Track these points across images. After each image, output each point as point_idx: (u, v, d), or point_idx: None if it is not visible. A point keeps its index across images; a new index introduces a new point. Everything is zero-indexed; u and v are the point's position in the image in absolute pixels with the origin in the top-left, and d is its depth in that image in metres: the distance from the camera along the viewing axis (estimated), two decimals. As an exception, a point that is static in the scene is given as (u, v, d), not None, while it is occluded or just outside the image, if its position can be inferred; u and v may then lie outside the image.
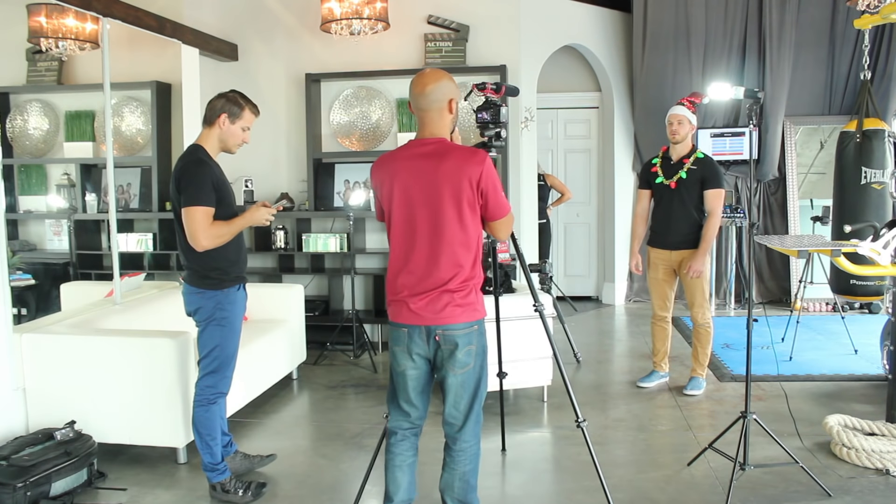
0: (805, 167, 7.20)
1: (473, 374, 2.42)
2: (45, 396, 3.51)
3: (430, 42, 5.81)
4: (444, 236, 2.32)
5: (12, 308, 3.54)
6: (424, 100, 2.35)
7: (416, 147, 2.38)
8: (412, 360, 2.41)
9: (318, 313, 5.80)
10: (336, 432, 3.98)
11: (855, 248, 3.73)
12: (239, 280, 3.16)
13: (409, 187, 2.34)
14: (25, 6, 4.86)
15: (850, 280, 6.05)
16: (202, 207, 2.92)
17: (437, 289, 2.33)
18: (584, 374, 5.01)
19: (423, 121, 2.39)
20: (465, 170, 2.30)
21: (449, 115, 2.39)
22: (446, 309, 2.34)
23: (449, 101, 2.37)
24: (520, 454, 3.65)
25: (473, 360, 2.41)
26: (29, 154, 5.57)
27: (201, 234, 2.92)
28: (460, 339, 2.36)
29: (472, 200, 2.33)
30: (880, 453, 3.30)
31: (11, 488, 2.87)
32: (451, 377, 2.39)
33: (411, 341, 2.39)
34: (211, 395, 3.12)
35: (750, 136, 3.19)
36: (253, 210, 3.12)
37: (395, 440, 2.53)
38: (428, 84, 2.35)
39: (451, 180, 2.29)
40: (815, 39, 6.81)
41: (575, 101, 7.53)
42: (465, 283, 2.36)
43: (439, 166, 2.31)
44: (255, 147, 6.11)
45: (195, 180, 2.94)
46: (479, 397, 2.46)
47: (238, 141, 3.11)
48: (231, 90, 3.15)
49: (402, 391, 2.48)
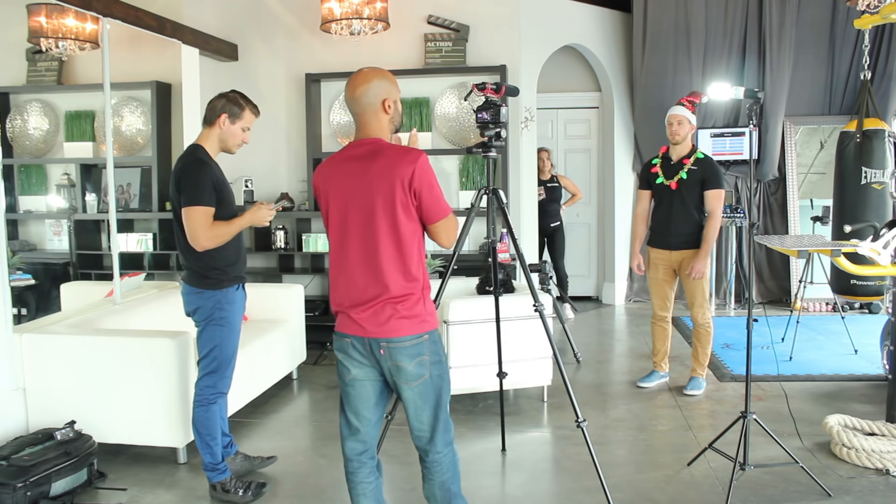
0: (805, 167, 7.20)
1: (431, 384, 2.27)
2: (45, 396, 3.51)
3: (430, 42, 5.82)
4: (380, 243, 2.18)
5: (12, 308, 3.54)
6: (355, 103, 2.25)
7: (350, 149, 2.27)
8: (358, 369, 2.27)
9: (318, 313, 5.80)
10: (336, 432, 3.95)
11: (855, 248, 3.74)
12: (238, 280, 3.15)
13: (342, 192, 2.23)
14: (25, 6, 4.86)
15: (850, 280, 6.05)
16: (202, 207, 2.92)
17: (377, 300, 2.19)
18: (584, 374, 5.01)
19: (359, 123, 2.28)
20: (395, 170, 2.15)
21: (385, 115, 2.27)
22: (390, 322, 2.19)
23: (382, 102, 2.25)
24: (520, 454, 3.65)
25: (428, 370, 2.25)
26: (29, 154, 5.57)
27: (201, 235, 2.91)
28: (407, 352, 2.21)
29: (406, 202, 2.17)
30: (880, 453, 3.30)
31: (11, 488, 2.87)
32: (406, 390, 2.25)
33: (355, 350, 2.25)
34: (210, 395, 3.11)
35: (750, 136, 3.19)
36: (253, 210, 3.12)
37: (352, 468, 2.36)
38: (358, 86, 2.24)
39: (381, 182, 2.16)
40: (815, 39, 6.81)
41: (575, 101, 7.53)
42: (408, 293, 2.21)
43: (370, 168, 2.18)
44: (255, 147, 6.11)
45: (195, 180, 2.93)
46: (443, 405, 2.33)
47: (238, 141, 3.11)
48: (231, 90, 3.15)
49: (348, 403, 2.32)
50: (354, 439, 2.35)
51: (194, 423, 3.14)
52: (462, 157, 5.94)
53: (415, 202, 2.19)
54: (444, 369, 2.34)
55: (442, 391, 2.32)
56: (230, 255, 3.09)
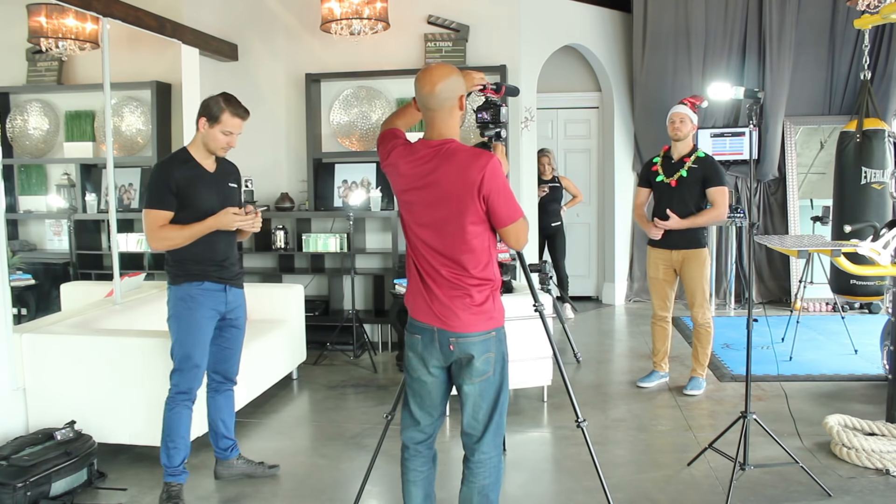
0: (805, 167, 7.20)
1: (493, 382, 2.29)
2: (45, 396, 3.51)
3: (430, 42, 5.81)
4: (450, 242, 2.22)
5: (12, 308, 3.54)
6: (434, 99, 2.19)
7: (423, 149, 2.26)
8: (426, 368, 2.32)
9: (318, 313, 5.80)
10: (336, 432, 3.98)
11: (855, 248, 3.74)
12: (199, 278, 3.07)
13: (414, 192, 2.25)
14: (25, 6, 4.85)
15: (850, 280, 6.05)
16: (153, 211, 2.95)
17: (449, 295, 2.25)
18: (584, 374, 5.01)
19: (433, 121, 2.25)
20: (466, 174, 2.15)
21: (459, 112, 2.26)
22: (461, 317, 2.23)
23: (459, 98, 2.23)
24: (520, 454, 3.65)
25: (493, 367, 2.28)
26: (29, 154, 5.57)
27: (150, 237, 2.97)
28: (476, 348, 2.24)
29: (476, 205, 2.18)
30: (880, 453, 3.30)
31: (11, 488, 2.87)
32: (468, 386, 2.27)
33: (425, 349, 2.31)
34: (173, 394, 3.07)
35: (750, 136, 3.19)
36: (219, 215, 3.04)
37: (407, 455, 2.44)
38: (437, 82, 2.18)
39: (453, 185, 2.17)
40: (815, 39, 6.81)
41: (575, 101, 7.53)
42: (479, 290, 2.24)
43: (440, 169, 2.19)
44: (255, 147, 6.11)
45: (151, 184, 2.99)
46: (501, 406, 2.32)
47: (221, 145, 3.06)
48: (223, 92, 3.12)
49: (414, 397, 2.39)
50: (415, 429, 2.41)
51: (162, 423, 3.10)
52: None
53: (484, 206, 2.18)
54: (507, 369, 2.35)
55: (502, 391, 2.33)
56: (199, 252, 3.05)
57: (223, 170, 3.19)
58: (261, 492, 3.24)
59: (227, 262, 3.16)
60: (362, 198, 5.66)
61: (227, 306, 3.18)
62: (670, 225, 4.28)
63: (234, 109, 3.03)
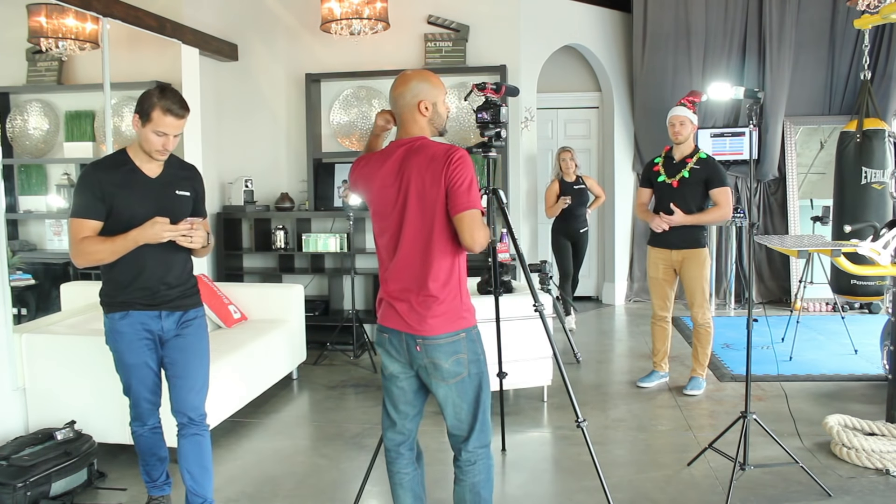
0: (805, 167, 7.20)
1: (470, 382, 2.29)
2: (45, 396, 3.51)
3: (430, 42, 5.81)
4: (417, 238, 2.23)
5: (12, 308, 3.54)
6: (394, 103, 2.33)
7: (393, 147, 2.32)
8: (397, 365, 2.33)
9: (318, 313, 5.80)
10: (336, 432, 3.98)
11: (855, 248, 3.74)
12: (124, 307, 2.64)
13: (384, 188, 2.28)
14: (25, 6, 4.85)
15: (850, 280, 6.05)
16: (76, 220, 2.55)
17: (415, 295, 2.23)
18: (584, 374, 5.01)
19: (399, 122, 2.36)
20: (431, 166, 2.20)
21: (421, 116, 2.31)
22: (427, 319, 2.21)
23: (418, 103, 2.29)
24: (520, 454, 3.65)
25: (466, 368, 2.27)
26: (29, 154, 5.56)
27: (71, 250, 2.55)
28: (443, 350, 2.23)
29: (441, 199, 2.19)
30: (880, 453, 3.29)
31: (11, 488, 2.87)
32: (442, 388, 2.27)
33: (391, 346, 2.31)
34: (131, 416, 2.85)
35: (750, 136, 3.19)
36: (145, 226, 2.54)
37: (391, 458, 2.46)
38: (398, 87, 2.31)
39: (418, 178, 2.21)
40: (815, 39, 6.81)
41: (575, 101, 7.52)
42: (444, 289, 2.23)
43: (408, 164, 2.24)
44: (255, 147, 6.12)
45: (77, 188, 2.59)
46: (483, 404, 2.33)
47: (155, 147, 2.58)
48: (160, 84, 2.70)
49: (388, 396, 2.40)
50: (393, 431, 2.43)
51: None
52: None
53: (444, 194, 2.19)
54: (485, 368, 2.35)
55: (482, 389, 2.33)
56: (121, 276, 2.63)
57: (171, 175, 2.70)
58: (261, 492, 3.24)
59: (161, 286, 2.66)
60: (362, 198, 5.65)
61: (163, 333, 2.71)
62: (675, 220, 4.27)
63: (167, 104, 2.53)
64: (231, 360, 3.94)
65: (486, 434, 2.37)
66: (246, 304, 4.88)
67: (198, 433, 2.75)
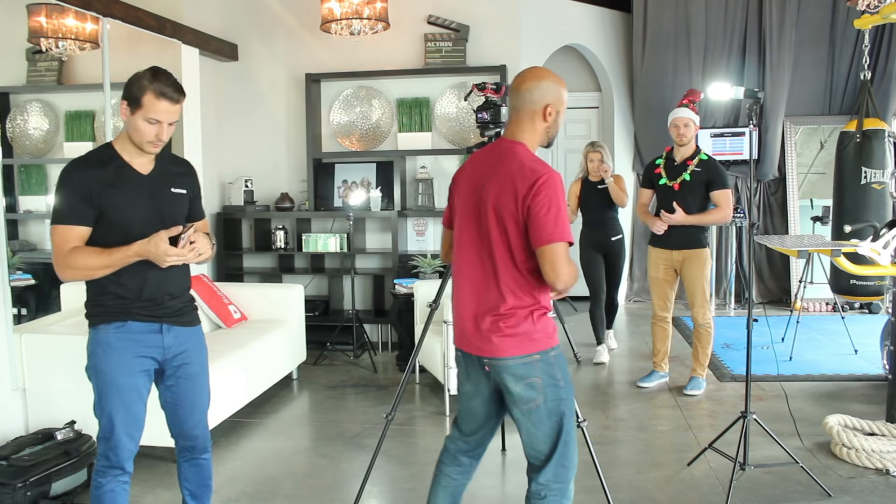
0: (805, 167, 7.20)
1: (545, 410, 2.07)
2: (45, 396, 3.51)
3: (430, 42, 5.81)
4: (491, 253, 2.05)
5: (12, 308, 3.54)
6: (518, 96, 2.09)
7: (493, 148, 2.15)
8: (469, 385, 2.21)
9: (318, 313, 5.80)
10: (336, 432, 3.97)
11: (855, 248, 3.74)
12: (120, 318, 2.29)
13: (466, 194, 2.14)
14: (25, 6, 4.85)
15: (850, 280, 6.04)
16: (61, 227, 2.19)
17: (485, 314, 2.07)
18: (584, 374, 5.01)
19: (511, 120, 2.13)
20: (514, 183, 1.99)
21: (542, 121, 2.10)
22: (493, 339, 2.04)
23: (546, 106, 2.08)
24: (520, 454, 3.62)
25: (540, 393, 2.05)
26: (29, 154, 5.56)
27: (56, 262, 2.19)
28: (512, 372, 2.05)
29: (518, 216, 2.00)
30: (880, 453, 3.29)
31: (11, 488, 2.87)
32: (514, 411, 2.11)
33: (467, 365, 2.19)
34: (102, 469, 2.32)
35: (750, 136, 3.19)
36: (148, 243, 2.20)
37: (445, 458, 2.34)
38: (528, 80, 2.09)
39: (496, 190, 2.02)
40: (815, 39, 6.81)
41: (575, 101, 7.52)
42: (514, 309, 2.04)
43: (493, 172, 2.05)
44: (255, 147, 6.12)
45: (59, 190, 2.21)
46: (565, 436, 2.11)
47: (147, 138, 2.24)
48: (152, 67, 2.33)
49: (459, 408, 2.31)
50: (460, 438, 2.32)
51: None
52: (462, 157, 5.94)
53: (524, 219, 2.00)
54: (565, 394, 2.12)
55: (563, 420, 2.11)
56: (127, 280, 2.27)
57: (164, 171, 2.38)
58: (261, 492, 3.24)
59: (165, 296, 2.35)
60: (362, 198, 5.66)
61: (164, 352, 2.36)
62: (676, 219, 4.27)
63: (160, 87, 2.23)
64: (231, 360, 3.94)
65: (566, 470, 2.16)
66: (246, 304, 4.88)
67: (199, 458, 2.55)
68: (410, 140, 5.85)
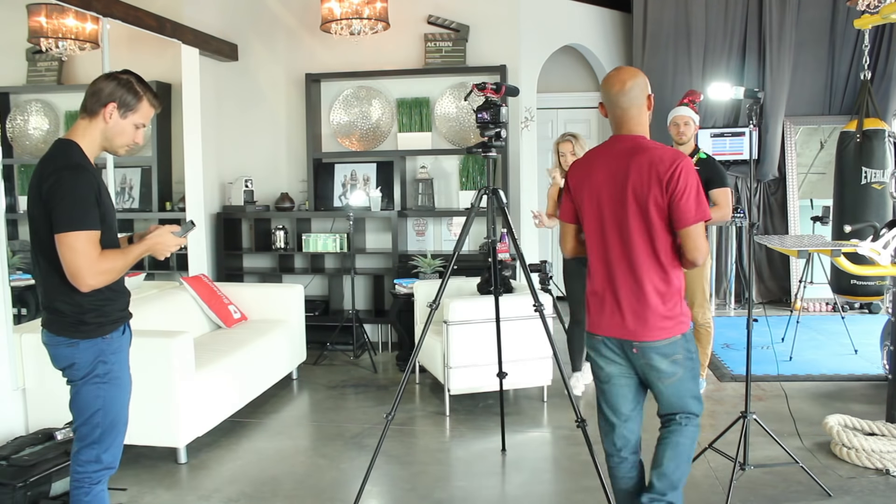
0: (805, 167, 7.20)
1: (685, 379, 2.34)
2: (45, 396, 3.51)
3: (430, 42, 5.81)
4: (633, 243, 2.23)
5: (12, 308, 3.54)
6: (625, 97, 2.27)
7: (614, 144, 2.31)
8: (614, 367, 2.37)
9: (318, 313, 5.80)
10: (336, 432, 3.97)
11: (855, 248, 3.74)
12: (122, 321, 2.37)
13: (600, 188, 2.28)
14: (25, 6, 4.85)
15: (850, 280, 6.05)
16: (85, 232, 2.13)
17: (632, 301, 2.26)
18: (584, 374, 5.00)
19: (622, 119, 2.31)
20: (656, 168, 2.18)
21: (647, 112, 2.33)
22: (647, 324, 2.24)
23: (648, 97, 2.32)
24: (520, 454, 3.65)
25: (681, 367, 2.30)
26: (29, 154, 5.56)
27: (87, 270, 2.13)
28: (660, 352, 2.27)
29: (661, 203, 2.19)
30: (880, 453, 3.29)
31: (11, 488, 2.87)
32: (658, 385, 2.34)
33: (607, 349, 2.35)
34: (94, 474, 2.33)
35: (750, 136, 3.19)
36: (158, 237, 2.30)
37: (612, 464, 2.48)
38: (627, 80, 2.28)
39: (639, 179, 2.19)
40: (815, 39, 6.81)
41: (575, 101, 7.53)
42: (664, 295, 2.25)
43: (630, 165, 2.22)
44: (255, 147, 6.12)
45: (74, 194, 2.13)
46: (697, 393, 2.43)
47: (128, 141, 2.30)
48: (125, 70, 2.33)
49: (604, 398, 2.43)
50: (613, 434, 2.43)
51: None
52: (462, 157, 5.94)
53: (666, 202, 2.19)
54: (696, 362, 2.39)
55: (695, 382, 2.40)
56: (113, 287, 2.29)
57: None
58: (261, 492, 3.24)
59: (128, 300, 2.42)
60: (362, 198, 5.66)
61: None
62: None
63: (152, 96, 2.32)
64: (231, 360, 3.94)
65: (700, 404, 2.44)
66: (246, 304, 4.88)
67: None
68: (410, 140, 5.85)
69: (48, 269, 2.22)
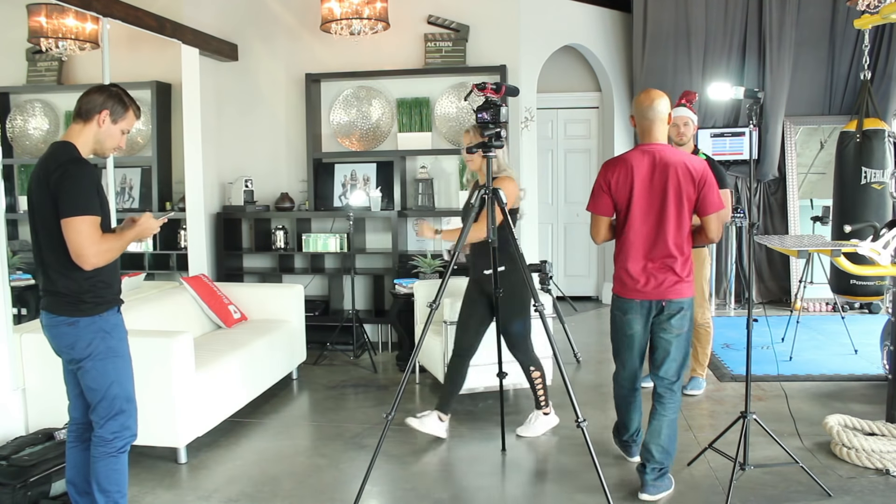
0: (805, 167, 7.20)
1: (684, 339, 3.05)
2: (45, 396, 3.51)
3: (430, 42, 5.81)
4: (670, 227, 2.93)
5: (12, 308, 3.54)
6: (650, 111, 2.97)
7: (646, 151, 2.97)
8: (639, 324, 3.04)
9: (318, 313, 5.80)
10: (336, 432, 3.97)
11: (855, 248, 3.74)
12: (116, 302, 2.68)
13: (643, 185, 2.94)
14: (25, 6, 4.85)
15: (850, 280, 6.05)
16: (89, 217, 2.46)
17: (664, 269, 2.96)
18: (584, 374, 5.01)
19: (649, 129, 3.00)
20: (688, 172, 2.92)
21: (667, 126, 3.04)
22: (675, 286, 2.97)
23: (669, 115, 3.03)
24: (520, 454, 3.65)
25: (688, 323, 3.03)
26: (29, 154, 5.56)
27: (90, 250, 2.45)
28: (680, 308, 2.99)
29: (692, 195, 2.93)
30: (880, 453, 3.29)
31: (11, 488, 2.87)
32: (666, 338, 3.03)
33: (642, 309, 3.01)
34: (122, 443, 2.65)
35: (750, 136, 3.19)
36: (144, 220, 2.68)
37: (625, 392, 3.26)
38: (655, 99, 2.98)
39: (675, 178, 2.90)
40: (815, 39, 6.81)
41: (575, 101, 7.53)
42: (685, 264, 2.98)
43: (665, 165, 2.92)
44: (255, 147, 6.12)
45: (79, 184, 2.47)
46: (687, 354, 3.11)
47: (115, 144, 2.66)
48: (113, 84, 2.76)
49: (627, 350, 3.13)
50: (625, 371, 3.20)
51: (98, 480, 2.63)
52: (462, 157, 5.94)
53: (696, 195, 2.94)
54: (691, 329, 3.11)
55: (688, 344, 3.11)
56: (106, 276, 2.61)
57: None
58: (261, 492, 3.24)
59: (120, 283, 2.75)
60: (362, 198, 5.66)
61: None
62: None
63: (136, 107, 2.71)
64: (231, 360, 3.94)
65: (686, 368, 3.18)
66: (246, 304, 4.89)
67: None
68: (410, 140, 5.85)
69: (51, 255, 2.53)
